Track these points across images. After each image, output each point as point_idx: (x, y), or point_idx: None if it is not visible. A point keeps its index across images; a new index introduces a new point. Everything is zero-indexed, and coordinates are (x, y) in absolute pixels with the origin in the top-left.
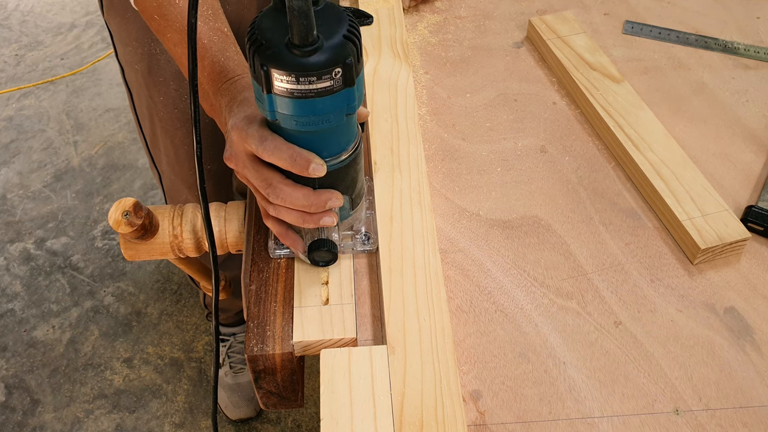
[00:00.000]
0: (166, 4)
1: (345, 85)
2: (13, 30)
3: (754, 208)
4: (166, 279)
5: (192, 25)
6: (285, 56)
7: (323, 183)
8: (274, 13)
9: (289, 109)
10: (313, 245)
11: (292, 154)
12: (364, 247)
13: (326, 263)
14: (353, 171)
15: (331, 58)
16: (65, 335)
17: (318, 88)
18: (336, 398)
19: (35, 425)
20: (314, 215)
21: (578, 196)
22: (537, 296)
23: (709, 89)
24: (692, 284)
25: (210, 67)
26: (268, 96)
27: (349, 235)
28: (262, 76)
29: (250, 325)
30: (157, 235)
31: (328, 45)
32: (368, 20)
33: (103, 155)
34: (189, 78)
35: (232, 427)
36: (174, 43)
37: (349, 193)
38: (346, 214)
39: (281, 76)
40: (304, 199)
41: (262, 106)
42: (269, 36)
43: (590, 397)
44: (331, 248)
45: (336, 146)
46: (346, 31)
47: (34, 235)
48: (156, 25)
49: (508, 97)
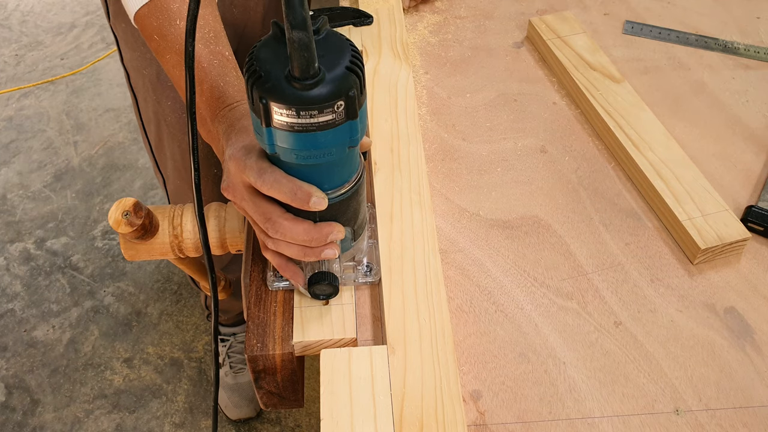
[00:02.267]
0: (166, 25)
1: (347, 118)
2: (13, 30)
3: (754, 208)
4: (166, 279)
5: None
6: (285, 89)
7: (324, 216)
8: (274, 43)
9: (289, 142)
10: (314, 278)
11: (292, 188)
12: (366, 279)
13: (327, 296)
14: (355, 203)
15: (333, 91)
16: (65, 335)
17: (319, 121)
18: (336, 398)
19: (35, 425)
20: (315, 249)
21: (578, 196)
22: (537, 296)
23: (709, 89)
24: (692, 284)
25: (209, 92)
26: (267, 129)
27: (351, 266)
28: (260, 109)
29: (250, 325)
30: (157, 235)
31: (330, 77)
32: (368, 20)
33: (103, 155)
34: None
35: (232, 427)
36: (172, 64)
37: (351, 225)
38: (347, 246)
39: (281, 110)
40: (304, 234)
41: (261, 139)
42: (268, 67)
43: (590, 397)
44: (333, 281)
45: (338, 179)
46: (349, 62)
47: (34, 235)
48: (155, 45)
49: (508, 97)
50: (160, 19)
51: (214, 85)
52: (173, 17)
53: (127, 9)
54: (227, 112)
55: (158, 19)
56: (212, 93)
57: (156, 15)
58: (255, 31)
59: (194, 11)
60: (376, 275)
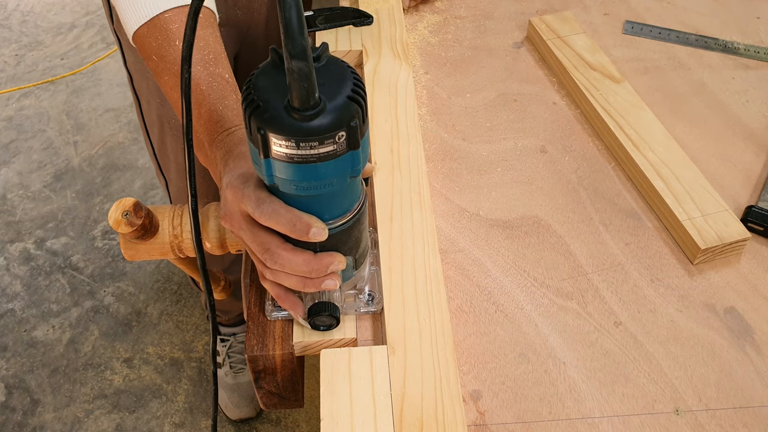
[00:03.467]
0: (165, 45)
1: (349, 148)
2: (13, 30)
3: (754, 208)
4: (166, 279)
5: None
6: (284, 120)
7: (325, 246)
8: (272, 70)
9: (289, 173)
10: (314, 309)
11: (291, 219)
12: (368, 309)
13: (328, 328)
14: (357, 231)
15: (334, 122)
16: (65, 335)
17: (320, 152)
18: (336, 398)
19: (35, 425)
20: (315, 280)
21: (578, 196)
22: (537, 296)
23: (709, 89)
24: (692, 284)
25: (207, 115)
26: (265, 160)
27: (352, 295)
28: (259, 139)
29: (250, 325)
30: (157, 235)
31: (331, 107)
32: (368, 20)
33: (103, 155)
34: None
35: (232, 427)
36: (170, 86)
37: (352, 254)
38: (349, 275)
39: (280, 141)
40: (304, 265)
41: (259, 169)
42: (266, 96)
43: (590, 397)
44: (333, 312)
45: (338, 209)
46: (351, 91)
47: (34, 235)
48: (153, 65)
49: (508, 97)
50: (159, 40)
51: (213, 109)
52: (172, 38)
53: (125, 27)
54: (225, 137)
55: (157, 39)
56: (211, 116)
57: (155, 35)
58: (258, 33)
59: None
60: (378, 304)
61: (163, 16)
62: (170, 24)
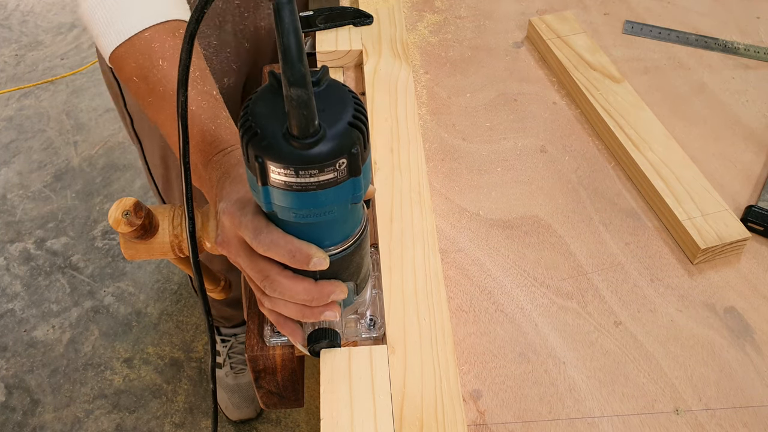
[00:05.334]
0: (147, 65)
1: (350, 175)
2: (13, 30)
3: (754, 208)
4: (166, 279)
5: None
6: (283, 148)
7: (325, 272)
8: (270, 95)
9: (287, 201)
10: (314, 336)
11: (290, 249)
12: (369, 334)
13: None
14: (358, 257)
15: (335, 149)
16: (65, 335)
17: (320, 180)
18: (336, 398)
19: (35, 425)
20: (315, 309)
21: (578, 196)
22: (537, 296)
23: (709, 89)
24: (692, 284)
25: (199, 136)
26: (263, 188)
27: (353, 320)
28: (256, 168)
29: (250, 325)
30: (157, 235)
31: (332, 134)
32: (368, 20)
33: (103, 155)
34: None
35: (232, 427)
36: (156, 108)
37: (353, 279)
38: (350, 300)
39: (278, 169)
40: (304, 293)
41: (257, 196)
42: (264, 123)
43: (590, 397)
44: (333, 339)
45: (339, 235)
46: (351, 117)
47: (34, 235)
48: (134, 87)
49: (508, 97)
50: (139, 60)
51: (205, 129)
52: (155, 58)
53: (101, 48)
54: (221, 158)
55: (137, 59)
56: (203, 137)
57: (135, 55)
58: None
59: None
60: (380, 329)
61: (143, 35)
62: (151, 43)
